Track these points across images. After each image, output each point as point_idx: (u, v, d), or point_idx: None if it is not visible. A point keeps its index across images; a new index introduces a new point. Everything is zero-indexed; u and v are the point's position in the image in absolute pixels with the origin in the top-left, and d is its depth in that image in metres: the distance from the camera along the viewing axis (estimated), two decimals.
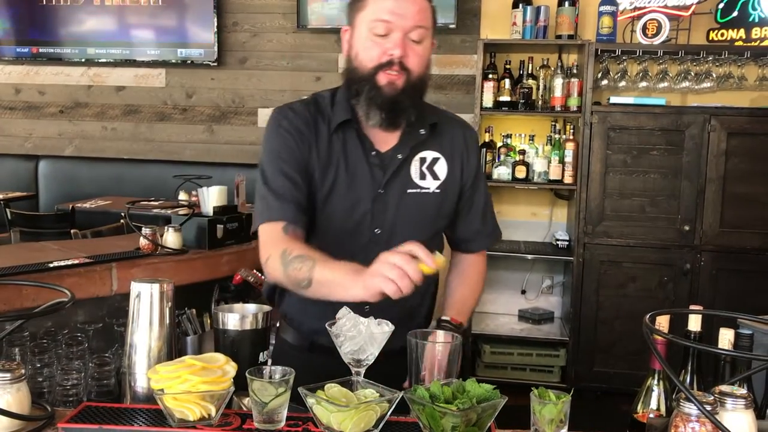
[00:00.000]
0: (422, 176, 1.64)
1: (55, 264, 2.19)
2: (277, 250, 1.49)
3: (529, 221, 4.56)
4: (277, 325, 1.74)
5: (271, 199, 1.57)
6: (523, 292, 4.60)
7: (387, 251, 1.33)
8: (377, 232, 1.62)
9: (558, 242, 4.31)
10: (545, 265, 4.52)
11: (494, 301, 4.60)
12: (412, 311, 1.68)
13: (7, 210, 4.08)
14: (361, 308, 1.42)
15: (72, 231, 3.40)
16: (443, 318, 1.67)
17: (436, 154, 1.67)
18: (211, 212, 2.67)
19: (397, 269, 1.28)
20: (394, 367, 1.37)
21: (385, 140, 1.63)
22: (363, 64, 1.55)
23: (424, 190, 1.64)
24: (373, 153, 1.61)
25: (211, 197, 2.70)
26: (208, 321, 1.86)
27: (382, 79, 1.53)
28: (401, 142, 1.63)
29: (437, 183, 1.66)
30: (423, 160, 1.65)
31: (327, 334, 1.36)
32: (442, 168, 1.67)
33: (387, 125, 1.59)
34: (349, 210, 1.61)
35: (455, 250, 1.85)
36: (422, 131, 1.64)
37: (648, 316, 1.17)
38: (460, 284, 1.81)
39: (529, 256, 4.30)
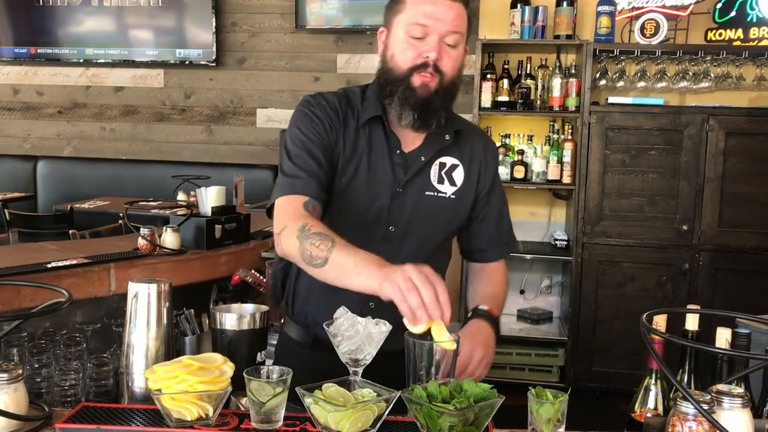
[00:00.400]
0: (440, 180, 1.67)
1: (54, 264, 2.19)
2: (296, 223, 1.47)
3: (527, 221, 4.56)
4: (281, 321, 1.75)
5: (294, 172, 1.56)
6: (522, 291, 4.60)
7: (417, 264, 1.32)
8: (391, 230, 1.64)
9: (557, 242, 4.31)
10: (544, 264, 4.52)
11: None
12: None
13: (6, 210, 4.08)
14: (365, 305, 1.48)
15: (70, 231, 3.40)
16: (480, 307, 1.67)
17: (455, 161, 1.69)
18: (209, 212, 2.67)
19: (416, 295, 1.27)
20: (392, 369, 1.37)
21: (411, 141, 1.66)
22: (398, 65, 1.58)
23: (440, 194, 1.67)
24: (398, 152, 1.64)
25: (210, 197, 2.70)
26: (207, 321, 1.86)
27: (417, 80, 1.56)
28: (426, 144, 1.66)
29: (454, 189, 1.68)
30: (443, 165, 1.68)
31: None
32: (459, 175, 1.69)
33: (419, 126, 1.61)
34: (367, 204, 1.63)
35: (471, 260, 1.86)
36: (447, 137, 1.67)
37: (645, 316, 1.17)
38: (488, 284, 1.80)
39: (528, 256, 4.30)
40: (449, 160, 1.69)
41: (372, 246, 1.49)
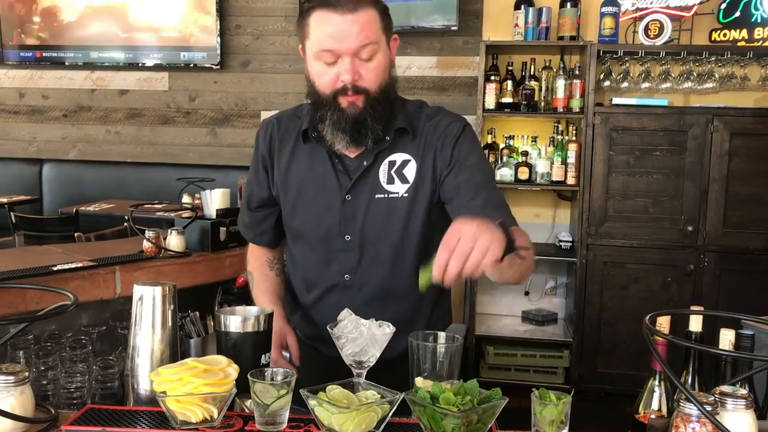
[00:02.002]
0: (390, 180, 1.61)
1: (59, 267, 2.20)
2: (246, 256, 1.89)
3: (532, 222, 4.55)
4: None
5: (242, 213, 1.87)
6: (527, 293, 4.59)
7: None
8: (348, 239, 1.62)
9: (561, 243, 4.30)
10: (548, 266, 4.52)
11: (497, 303, 4.60)
12: (408, 321, 1.61)
13: (12, 213, 4.09)
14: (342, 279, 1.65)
15: (76, 234, 3.41)
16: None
17: (406, 156, 1.61)
18: (213, 215, 2.68)
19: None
20: (394, 374, 1.37)
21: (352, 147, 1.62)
22: (321, 89, 1.55)
23: (392, 195, 1.60)
24: (337, 160, 1.62)
25: (214, 200, 2.71)
26: (212, 323, 1.86)
27: (343, 102, 1.52)
28: (366, 148, 1.60)
29: (406, 186, 1.60)
30: (392, 164, 1.61)
31: (328, 342, 1.40)
32: (411, 170, 1.61)
33: (354, 145, 1.58)
34: (318, 217, 1.64)
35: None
36: (387, 138, 1.60)
37: (648, 317, 1.17)
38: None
39: None
40: (399, 157, 1.61)
41: (334, 258, 1.62)
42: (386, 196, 1.60)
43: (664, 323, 1.26)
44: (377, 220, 1.60)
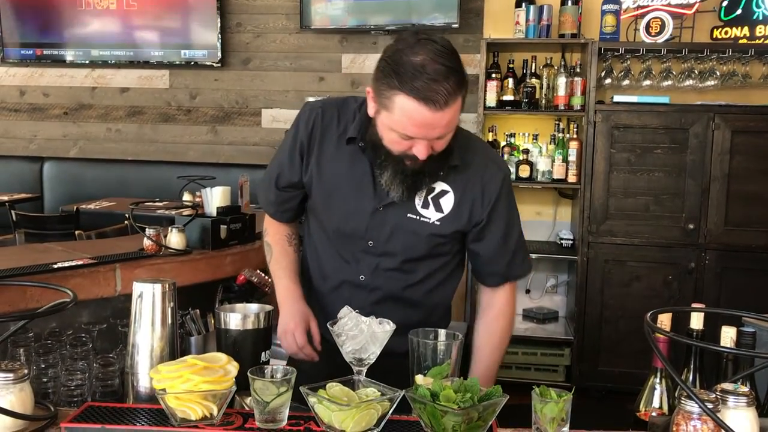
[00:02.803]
0: (425, 205, 1.62)
1: (60, 265, 2.19)
2: (264, 226, 1.89)
3: (533, 220, 4.55)
4: None
5: (266, 189, 1.83)
6: (528, 291, 4.59)
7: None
8: (370, 245, 1.65)
9: (562, 241, 4.30)
10: (549, 264, 4.51)
11: None
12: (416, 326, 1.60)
13: (12, 211, 4.09)
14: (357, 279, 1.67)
15: (76, 232, 3.41)
16: None
17: (446, 187, 1.63)
18: (214, 213, 2.67)
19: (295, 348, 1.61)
20: (395, 371, 1.37)
21: None
22: (390, 148, 1.53)
23: (423, 219, 1.62)
24: (379, 171, 1.59)
25: (215, 198, 2.70)
26: (212, 321, 1.86)
27: (407, 161, 1.53)
28: None
29: (440, 216, 1.62)
30: (431, 190, 1.62)
31: (327, 337, 1.45)
32: (448, 202, 1.63)
33: (406, 197, 1.59)
34: (348, 216, 1.66)
35: (477, 280, 1.83)
36: (441, 172, 1.61)
37: (649, 315, 1.17)
38: (487, 346, 1.74)
39: (534, 256, 4.27)
40: (439, 186, 1.62)
41: (354, 255, 1.67)
42: (418, 218, 1.62)
43: (665, 321, 1.25)
44: (403, 236, 1.63)
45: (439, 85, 1.39)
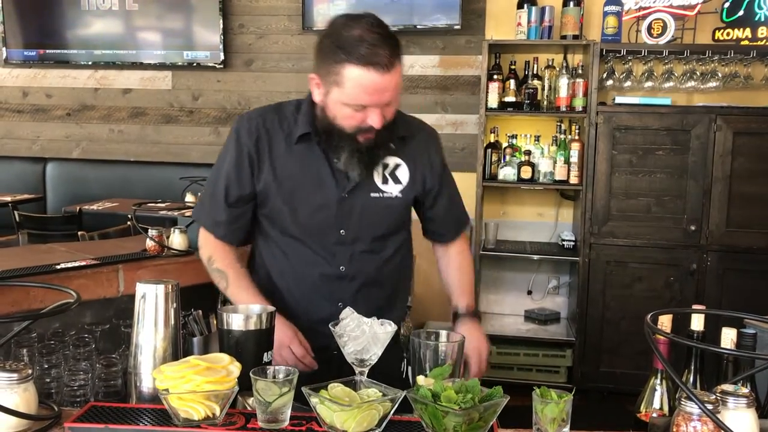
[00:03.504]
0: (385, 181, 1.72)
1: (63, 266, 2.20)
2: (206, 252, 1.80)
3: (534, 222, 4.56)
4: None
5: (210, 209, 1.78)
6: (529, 292, 4.59)
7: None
8: (342, 233, 1.71)
9: (564, 242, 4.30)
10: (551, 265, 4.52)
11: (500, 302, 4.60)
12: (390, 304, 1.79)
13: (15, 212, 4.10)
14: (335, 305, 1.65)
15: (79, 233, 3.42)
16: (460, 312, 1.82)
17: (398, 161, 1.74)
18: None
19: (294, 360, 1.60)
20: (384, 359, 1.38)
21: None
22: (343, 127, 1.61)
23: (386, 194, 1.72)
24: (336, 160, 1.67)
25: None
26: (215, 322, 1.86)
27: (361, 138, 1.62)
28: None
29: (399, 188, 1.74)
30: (386, 166, 1.72)
31: (313, 335, 1.60)
32: (404, 173, 1.74)
33: (365, 174, 1.67)
34: (315, 212, 1.70)
35: (432, 240, 1.95)
36: (392, 146, 1.71)
37: (650, 316, 1.18)
38: (459, 275, 1.90)
39: (535, 257, 4.29)
40: (392, 161, 1.74)
41: (328, 249, 1.71)
42: (381, 195, 1.72)
43: (665, 322, 1.26)
44: (372, 216, 1.71)
45: (380, 50, 1.52)
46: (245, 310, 1.45)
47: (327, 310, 1.65)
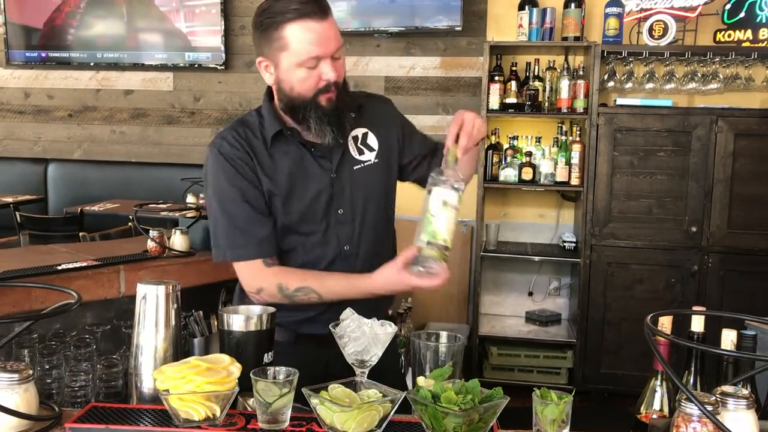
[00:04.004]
0: (360, 152, 1.78)
1: (64, 266, 2.21)
2: (271, 284, 1.68)
3: (535, 223, 4.56)
4: None
5: (239, 236, 1.69)
6: (530, 293, 4.59)
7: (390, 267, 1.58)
8: (341, 213, 1.75)
9: (565, 244, 4.30)
10: (552, 266, 4.52)
11: (501, 303, 4.60)
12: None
13: (17, 213, 4.11)
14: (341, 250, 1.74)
15: (80, 234, 3.42)
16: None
17: (364, 130, 1.80)
18: None
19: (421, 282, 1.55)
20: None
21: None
22: (302, 94, 1.65)
23: (366, 163, 1.78)
24: (314, 149, 1.73)
25: None
26: (216, 323, 1.87)
27: (323, 100, 1.65)
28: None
29: (374, 153, 1.79)
30: (356, 138, 1.79)
31: (310, 325, 1.64)
32: (373, 140, 1.81)
33: (339, 137, 1.70)
34: (312, 200, 1.73)
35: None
36: (352, 114, 1.75)
37: (650, 317, 1.18)
38: None
39: (536, 258, 4.29)
40: (359, 131, 1.79)
41: (330, 232, 1.74)
42: (362, 165, 1.78)
43: (666, 323, 1.26)
44: (361, 188, 1.77)
45: (309, 1, 1.59)
46: (246, 311, 1.45)
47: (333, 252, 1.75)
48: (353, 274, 1.69)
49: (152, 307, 1.38)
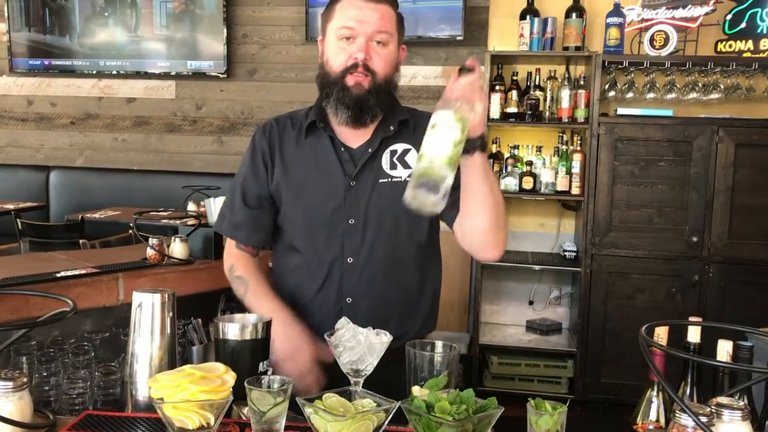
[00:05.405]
0: (393, 166, 1.74)
1: (63, 274, 2.20)
2: (228, 263, 1.85)
3: (536, 232, 4.56)
4: None
5: (230, 216, 1.84)
6: (531, 303, 4.59)
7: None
8: (351, 222, 1.72)
9: (566, 253, 4.30)
10: (553, 276, 4.51)
11: (502, 312, 4.60)
12: (410, 302, 1.77)
13: (18, 220, 4.11)
14: (343, 300, 1.72)
15: (81, 241, 3.43)
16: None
17: (406, 146, 1.75)
18: None
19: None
20: (390, 372, 1.38)
21: (356, 138, 1.75)
22: (332, 68, 1.69)
23: (395, 179, 1.72)
24: (342, 149, 1.73)
25: (218, 208, 2.71)
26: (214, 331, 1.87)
27: (350, 80, 1.66)
28: (372, 137, 1.75)
29: (408, 171, 1.71)
30: (394, 152, 1.75)
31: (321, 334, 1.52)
32: (412, 158, 1.73)
33: (353, 122, 1.70)
34: (324, 201, 1.73)
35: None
36: (391, 127, 1.74)
37: (645, 328, 1.18)
38: None
39: (537, 267, 4.29)
40: (400, 147, 1.75)
41: (336, 239, 1.72)
42: (389, 180, 1.72)
43: (662, 334, 1.25)
44: (380, 202, 1.72)
45: None
46: (241, 320, 1.45)
47: (336, 305, 1.72)
48: (282, 309, 1.69)
49: (148, 315, 1.38)
